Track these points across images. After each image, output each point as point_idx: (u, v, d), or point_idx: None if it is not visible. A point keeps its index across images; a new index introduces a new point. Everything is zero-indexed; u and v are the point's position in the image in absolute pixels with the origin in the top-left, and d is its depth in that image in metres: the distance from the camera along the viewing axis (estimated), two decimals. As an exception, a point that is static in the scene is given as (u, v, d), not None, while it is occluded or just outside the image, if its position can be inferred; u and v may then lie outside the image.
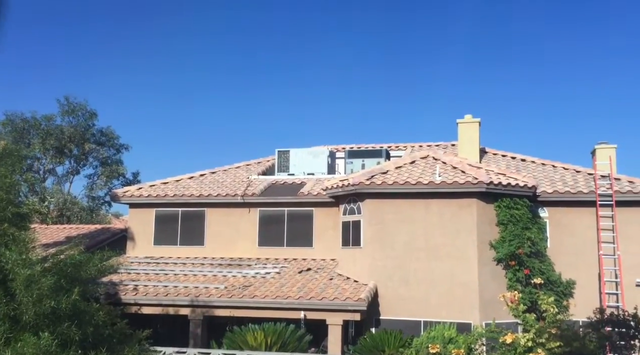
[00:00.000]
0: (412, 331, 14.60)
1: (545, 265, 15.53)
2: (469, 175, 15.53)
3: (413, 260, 15.58)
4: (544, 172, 17.93)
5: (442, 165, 16.52)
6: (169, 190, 19.12)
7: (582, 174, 17.32)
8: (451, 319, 14.59)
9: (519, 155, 19.68)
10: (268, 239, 18.29)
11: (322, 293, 14.75)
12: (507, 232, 15.39)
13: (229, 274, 16.72)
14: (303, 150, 20.38)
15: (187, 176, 20.40)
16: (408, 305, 15.33)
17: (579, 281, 15.79)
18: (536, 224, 15.87)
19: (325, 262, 17.47)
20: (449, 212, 15.56)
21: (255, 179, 19.76)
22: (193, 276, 16.80)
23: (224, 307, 15.02)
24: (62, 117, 32.34)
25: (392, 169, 16.77)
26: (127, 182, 32.76)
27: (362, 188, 15.93)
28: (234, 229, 18.55)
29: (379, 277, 15.67)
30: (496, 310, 13.90)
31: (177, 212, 18.97)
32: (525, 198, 15.78)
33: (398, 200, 15.92)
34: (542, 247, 15.77)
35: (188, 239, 18.80)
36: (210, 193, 18.56)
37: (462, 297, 15.05)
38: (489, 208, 15.58)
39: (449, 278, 15.24)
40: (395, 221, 15.88)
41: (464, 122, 18.97)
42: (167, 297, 15.19)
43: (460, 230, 15.39)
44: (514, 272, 15.28)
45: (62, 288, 9.29)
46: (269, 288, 15.32)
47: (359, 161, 20.00)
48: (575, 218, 16.29)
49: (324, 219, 17.83)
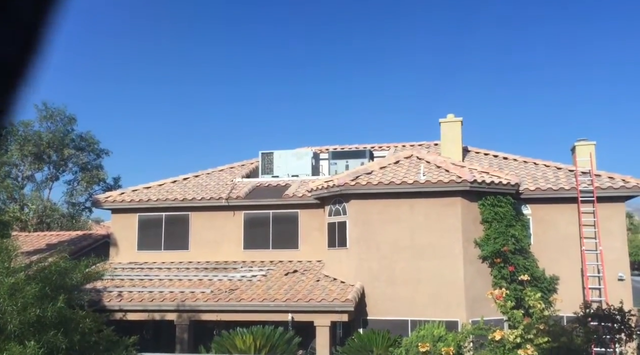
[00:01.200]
0: (400, 331, 14.64)
1: (530, 262, 15.69)
2: (452, 174, 15.63)
3: (399, 260, 15.63)
4: (526, 169, 18.13)
5: (426, 165, 16.60)
6: (152, 195, 18.90)
7: (564, 171, 17.55)
8: (438, 318, 14.64)
9: (501, 154, 19.88)
10: (253, 242, 18.19)
11: (309, 295, 14.70)
12: (492, 229, 15.52)
13: (214, 278, 16.58)
14: (287, 152, 20.33)
15: (170, 180, 20.20)
16: (395, 305, 15.36)
17: (563, 277, 15.98)
18: (520, 221, 16.03)
19: (312, 264, 17.42)
20: (433, 211, 15.63)
21: (240, 182, 19.64)
22: (178, 281, 16.62)
23: (211, 311, 14.88)
24: (40, 123, 31.80)
25: (377, 169, 16.80)
26: (108, 188, 32.31)
27: (347, 189, 15.93)
28: (218, 232, 18.41)
29: (366, 277, 15.68)
30: (482, 307, 14.02)
31: (161, 216, 18.77)
32: (508, 196, 15.94)
33: (383, 200, 15.96)
34: (525, 244, 15.94)
35: (172, 243, 18.61)
36: (194, 197, 18.40)
37: (448, 295, 15.13)
38: (473, 206, 15.70)
39: (435, 277, 15.31)
40: (381, 221, 15.91)
41: (447, 122, 19.10)
42: (152, 303, 15.00)
43: (445, 229, 15.48)
44: (499, 270, 15.41)
45: (47, 296, 9.15)
46: (256, 291, 15.23)
47: (343, 162, 20.02)
48: (557, 214, 16.50)
49: (310, 221, 17.80)
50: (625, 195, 16.31)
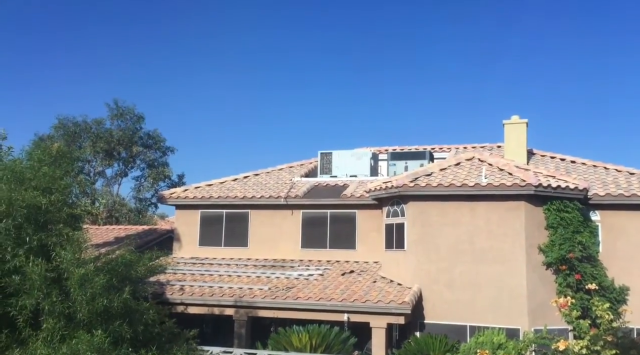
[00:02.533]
0: (458, 336, 14.34)
1: (598, 271, 15.00)
2: (516, 177, 15.16)
3: (458, 264, 15.31)
4: (595, 174, 17.34)
5: (488, 167, 16.19)
6: (214, 192, 19.39)
7: (637, 176, 16.66)
8: (498, 324, 14.26)
9: (569, 157, 19.10)
10: (311, 241, 18.32)
11: (365, 296, 14.66)
12: (557, 235, 14.94)
13: (272, 275, 16.82)
14: (345, 152, 20.34)
15: (231, 178, 20.65)
16: (453, 309, 15.07)
17: (633, 287, 15.18)
18: (587, 228, 15.35)
19: (369, 265, 17.36)
20: (495, 215, 15.22)
21: (298, 181, 19.83)
22: (237, 277, 16.98)
23: (268, 308, 15.11)
24: (111, 121, 33.30)
25: (437, 170, 16.53)
26: (173, 184, 33.45)
27: (405, 190, 15.77)
28: (277, 230, 18.66)
29: (423, 280, 15.47)
30: (545, 316, 13.53)
31: (222, 213, 19.23)
32: (576, 201, 15.29)
33: (442, 202, 15.68)
34: (593, 252, 15.24)
35: (232, 240, 19.03)
36: (254, 195, 18.74)
37: (509, 301, 14.69)
38: (537, 211, 15.17)
39: (495, 282, 14.91)
40: (440, 224, 15.64)
41: (511, 123, 18.54)
42: (212, 298, 15.39)
43: (507, 233, 15.04)
44: (564, 277, 14.82)
45: (113, 287, 9.58)
46: (312, 290, 15.33)
47: (402, 163, 19.82)
48: (629, 222, 15.68)
49: (367, 221, 17.73)
50: None
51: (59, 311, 9.01)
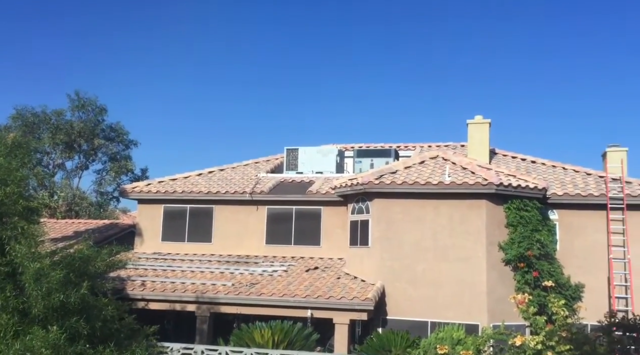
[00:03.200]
0: (419, 332, 14.53)
1: (555, 268, 15.41)
2: (478, 176, 15.43)
3: (421, 261, 15.51)
4: (554, 174, 17.80)
5: (451, 166, 16.43)
6: (178, 187, 19.14)
7: (593, 177, 17.18)
8: (458, 320, 14.50)
9: (529, 157, 19.55)
10: (276, 237, 18.27)
11: (329, 292, 14.71)
12: (517, 233, 15.28)
13: (236, 271, 16.71)
14: (312, 149, 20.36)
15: (195, 173, 20.42)
16: (415, 305, 15.27)
17: (588, 285, 15.66)
18: (546, 226, 15.75)
19: (333, 261, 17.42)
20: (458, 213, 15.47)
21: (264, 177, 19.75)
22: (200, 273, 16.80)
23: (231, 304, 15.00)
24: (72, 112, 32.46)
25: (401, 168, 16.70)
26: (136, 178, 32.85)
27: (371, 187, 15.87)
28: (241, 226, 18.55)
29: (387, 276, 15.61)
30: (504, 312, 13.81)
31: (185, 208, 18.99)
32: (535, 200, 15.67)
33: (407, 200, 15.85)
34: (551, 250, 15.65)
35: (196, 235, 18.82)
36: (219, 190, 18.56)
37: (470, 298, 14.96)
38: (498, 209, 15.48)
39: (457, 279, 15.16)
40: (404, 221, 15.81)
41: (474, 123, 18.85)
42: (174, 293, 15.20)
43: (469, 231, 15.30)
44: (522, 274, 15.17)
45: (70, 282, 9.35)
46: (276, 286, 15.30)
47: (368, 160, 19.96)
48: (585, 221, 16.16)
49: (332, 218, 17.79)
50: (657, 204, 15.87)
51: (12, 306, 8.76)
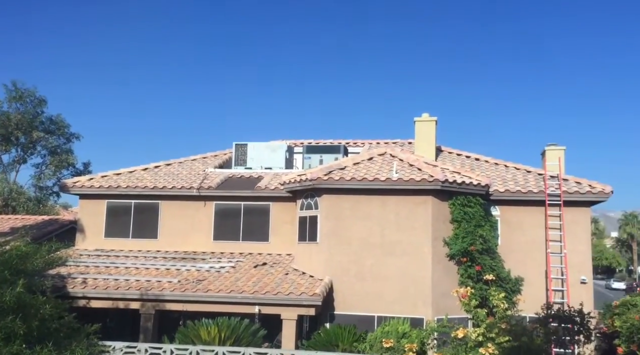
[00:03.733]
0: (366, 326, 14.72)
1: (496, 262, 15.92)
2: (425, 173, 15.74)
3: (369, 256, 15.70)
4: (496, 171, 18.37)
5: (399, 163, 16.69)
6: (122, 182, 18.62)
7: (533, 174, 17.84)
8: (404, 314, 14.77)
9: (473, 155, 20.11)
10: (224, 233, 18.07)
11: (277, 288, 14.67)
12: (461, 229, 15.69)
13: (182, 268, 16.42)
14: (261, 144, 20.24)
15: (141, 167, 19.93)
16: (363, 300, 15.44)
17: (527, 278, 16.26)
18: (488, 222, 16.24)
19: (281, 257, 17.39)
20: (404, 209, 15.73)
21: (212, 172, 19.48)
22: (145, 270, 16.42)
23: (177, 301, 14.73)
24: (9, 103, 31.02)
25: (350, 165, 16.83)
26: (78, 173, 31.73)
27: (319, 183, 15.92)
28: (188, 222, 18.24)
29: (335, 272, 15.72)
30: (448, 305, 14.19)
31: (130, 204, 18.50)
32: (478, 196, 16.12)
33: (355, 196, 15.99)
34: (493, 245, 16.15)
35: (141, 231, 18.37)
36: (165, 185, 18.18)
37: (415, 292, 15.26)
38: (443, 205, 15.85)
39: (403, 274, 15.43)
40: (352, 217, 15.95)
41: (421, 120, 19.22)
42: (117, 291, 14.78)
43: (415, 227, 15.60)
44: (465, 269, 15.59)
45: (6, 280, 8.95)
46: (224, 282, 15.13)
47: (317, 156, 20.01)
48: (525, 217, 16.76)
49: (281, 214, 17.76)
50: (591, 200, 16.64)
51: (-58, 307, 8.29)
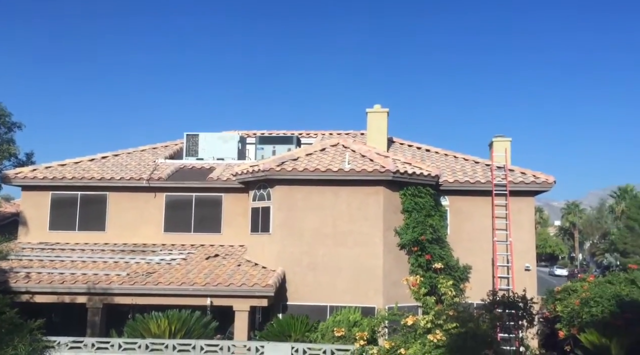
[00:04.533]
0: (319, 316, 14.81)
1: (445, 251, 16.30)
2: (376, 163, 15.91)
3: (321, 247, 15.78)
4: (446, 162, 18.77)
5: (351, 154, 16.81)
6: (67, 173, 18.02)
7: (481, 165, 18.32)
8: (356, 303, 14.95)
9: (424, 146, 20.46)
10: (175, 225, 17.78)
11: (229, 279, 14.57)
12: (411, 219, 15.96)
13: (131, 261, 16.07)
14: (213, 135, 19.97)
15: (87, 158, 19.34)
16: (315, 290, 15.52)
17: (475, 266, 16.74)
18: (438, 212, 16.59)
19: (234, 249, 17.27)
20: (356, 199, 15.88)
21: (162, 163, 19.10)
22: (92, 263, 15.98)
23: (126, 294, 14.42)
24: (-55, 91, 29.40)
25: (303, 155, 16.83)
26: (20, 163, 30.34)
27: (272, 174, 15.86)
28: (138, 214, 17.85)
29: (287, 263, 15.73)
30: (399, 294, 14.44)
31: (76, 195, 17.94)
32: (428, 187, 16.44)
33: (308, 187, 16.02)
34: (442, 234, 16.52)
35: (88, 224, 17.86)
36: (113, 176, 17.71)
37: (367, 282, 15.46)
38: (394, 196, 16.07)
39: (355, 264, 15.59)
40: (305, 208, 15.98)
41: (373, 112, 19.40)
42: (62, 285, 14.34)
43: (367, 217, 15.77)
44: (416, 258, 15.90)
45: (-60, 275, 8.52)
46: (175, 275, 14.91)
47: (270, 147, 19.92)
48: (473, 206, 17.21)
49: (233, 205, 17.61)
50: (536, 190, 17.24)
51: None
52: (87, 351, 11.46)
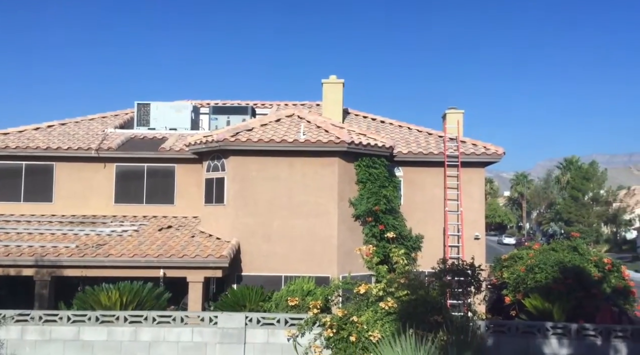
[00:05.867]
0: (274, 286, 14.90)
1: (398, 221, 16.57)
2: (331, 134, 15.90)
3: (276, 218, 15.77)
4: (400, 133, 18.95)
5: (306, 124, 16.73)
6: (10, 142, 17.27)
7: (434, 137, 18.58)
8: (311, 273, 15.09)
9: (379, 117, 20.57)
10: (126, 196, 17.39)
11: (183, 251, 14.42)
12: (366, 190, 16.11)
13: (80, 232, 15.67)
14: (165, 104, 19.49)
15: (32, 127, 18.58)
16: (270, 261, 15.57)
17: (427, 235, 17.11)
18: (392, 183, 16.79)
19: (188, 220, 17.07)
20: (311, 170, 15.88)
21: (112, 133, 18.54)
22: (39, 235, 15.50)
23: (75, 266, 14.09)
24: None
25: (258, 126, 16.64)
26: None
27: (226, 145, 15.64)
28: (87, 185, 17.36)
29: (242, 234, 15.68)
30: (353, 264, 14.65)
31: (20, 165, 17.26)
32: (383, 158, 16.58)
33: (263, 157, 15.90)
34: (396, 205, 16.77)
35: (33, 195, 17.25)
36: (60, 146, 17.09)
37: (321, 252, 15.60)
38: (349, 167, 16.16)
39: (310, 234, 15.68)
40: (259, 179, 15.88)
41: (329, 83, 19.30)
42: (7, 257, 13.87)
43: (322, 188, 15.81)
44: (370, 228, 16.11)
45: None
46: (126, 246, 14.64)
47: (224, 118, 19.60)
48: (426, 177, 17.51)
49: (187, 176, 17.34)
50: (486, 161, 17.66)
51: None
52: (34, 324, 11.17)
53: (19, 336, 11.13)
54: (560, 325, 11.21)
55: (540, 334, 11.09)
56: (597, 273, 13.74)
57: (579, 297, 12.79)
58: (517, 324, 11.32)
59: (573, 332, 11.12)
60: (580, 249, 14.81)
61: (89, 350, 11.14)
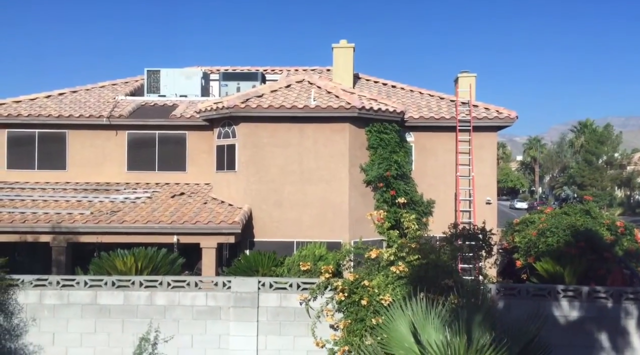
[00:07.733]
0: (286, 252, 15.06)
1: (410, 187, 16.56)
2: (342, 100, 15.78)
3: (287, 184, 15.83)
4: (411, 98, 18.75)
5: (317, 90, 16.59)
6: (23, 110, 17.36)
7: (446, 101, 18.37)
8: (322, 239, 15.20)
9: (390, 82, 20.34)
10: (138, 163, 17.52)
11: (195, 217, 14.57)
12: (377, 155, 16.07)
13: (95, 199, 15.86)
14: (175, 71, 19.40)
15: (43, 95, 18.63)
16: (282, 227, 15.70)
17: (439, 201, 17.11)
18: (403, 148, 16.71)
19: (200, 187, 17.19)
20: (322, 136, 15.83)
21: (123, 100, 18.56)
22: (54, 202, 15.72)
23: (90, 233, 14.32)
24: None
25: (268, 92, 16.54)
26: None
27: (236, 111, 15.60)
28: (99, 152, 17.48)
29: (254, 200, 15.78)
30: (364, 229, 14.73)
31: (34, 133, 17.39)
32: (394, 123, 16.46)
33: (273, 124, 15.85)
34: (407, 170, 16.73)
35: (47, 163, 17.43)
36: (72, 114, 17.16)
37: (333, 217, 15.69)
38: (360, 132, 16.08)
39: (321, 200, 15.75)
40: (270, 145, 15.88)
41: (339, 47, 19.04)
42: (24, 224, 14.12)
43: (333, 154, 15.79)
44: (381, 194, 16.13)
45: None
46: (140, 213, 14.82)
47: (234, 84, 19.51)
48: (437, 142, 17.39)
49: (198, 143, 17.38)
50: (498, 125, 17.46)
51: None
52: (52, 288, 11.42)
53: (38, 300, 11.41)
54: (571, 288, 11.25)
55: (551, 297, 11.15)
56: (609, 236, 13.69)
57: (591, 260, 12.78)
58: (528, 287, 11.38)
59: (584, 294, 11.16)
60: (593, 213, 14.73)
61: (106, 314, 11.41)
